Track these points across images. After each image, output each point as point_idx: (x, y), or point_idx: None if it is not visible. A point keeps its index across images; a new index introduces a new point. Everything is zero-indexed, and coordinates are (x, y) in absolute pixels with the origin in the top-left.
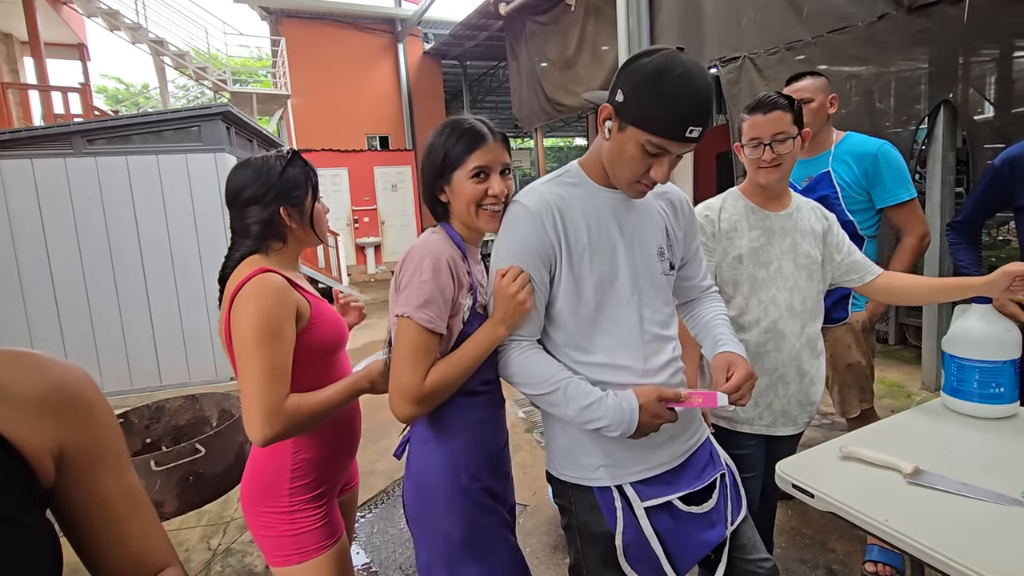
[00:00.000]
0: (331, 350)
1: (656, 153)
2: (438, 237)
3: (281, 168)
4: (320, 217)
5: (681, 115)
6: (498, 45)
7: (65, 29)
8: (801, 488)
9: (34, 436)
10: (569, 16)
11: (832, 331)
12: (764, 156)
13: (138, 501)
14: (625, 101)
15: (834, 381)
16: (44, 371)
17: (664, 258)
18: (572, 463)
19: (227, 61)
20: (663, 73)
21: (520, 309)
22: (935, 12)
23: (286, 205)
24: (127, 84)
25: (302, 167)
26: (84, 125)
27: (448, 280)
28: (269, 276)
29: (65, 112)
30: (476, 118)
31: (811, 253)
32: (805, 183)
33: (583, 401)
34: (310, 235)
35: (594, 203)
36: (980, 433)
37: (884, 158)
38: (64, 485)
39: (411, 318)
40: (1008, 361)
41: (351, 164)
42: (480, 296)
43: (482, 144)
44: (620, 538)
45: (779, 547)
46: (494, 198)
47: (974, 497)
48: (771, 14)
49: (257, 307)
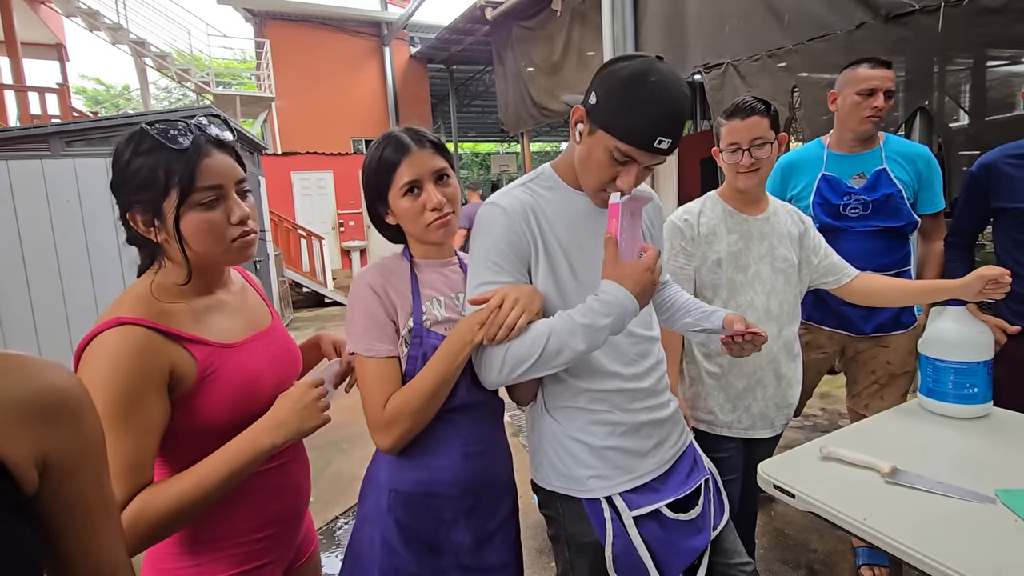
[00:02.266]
0: (239, 416)
1: (623, 161)
2: (375, 263)
3: (130, 152)
4: (203, 233)
5: (651, 124)
6: (484, 49)
7: (43, 29)
8: (782, 488)
9: (17, 444)
10: (555, 21)
11: (896, 337)
12: (743, 161)
13: (111, 513)
14: (597, 104)
15: (884, 387)
16: (30, 375)
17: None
18: (560, 474)
19: (210, 63)
20: (638, 79)
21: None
22: (911, 21)
23: (133, 207)
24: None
25: (162, 153)
26: (62, 126)
27: (375, 305)
28: (126, 332)
29: (42, 113)
30: (403, 128)
31: (788, 257)
32: (856, 180)
33: (581, 320)
34: (181, 258)
35: (569, 206)
36: (955, 433)
37: (935, 164)
38: (44, 491)
39: (355, 353)
40: (981, 362)
41: (336, 167)
42: (435, 312)
43: (406, 156)
44: (610, 549)
45: (761, 548)
46: (434, 211)
47: (950, 495)
48: (753, 22)
49: (103, 378)
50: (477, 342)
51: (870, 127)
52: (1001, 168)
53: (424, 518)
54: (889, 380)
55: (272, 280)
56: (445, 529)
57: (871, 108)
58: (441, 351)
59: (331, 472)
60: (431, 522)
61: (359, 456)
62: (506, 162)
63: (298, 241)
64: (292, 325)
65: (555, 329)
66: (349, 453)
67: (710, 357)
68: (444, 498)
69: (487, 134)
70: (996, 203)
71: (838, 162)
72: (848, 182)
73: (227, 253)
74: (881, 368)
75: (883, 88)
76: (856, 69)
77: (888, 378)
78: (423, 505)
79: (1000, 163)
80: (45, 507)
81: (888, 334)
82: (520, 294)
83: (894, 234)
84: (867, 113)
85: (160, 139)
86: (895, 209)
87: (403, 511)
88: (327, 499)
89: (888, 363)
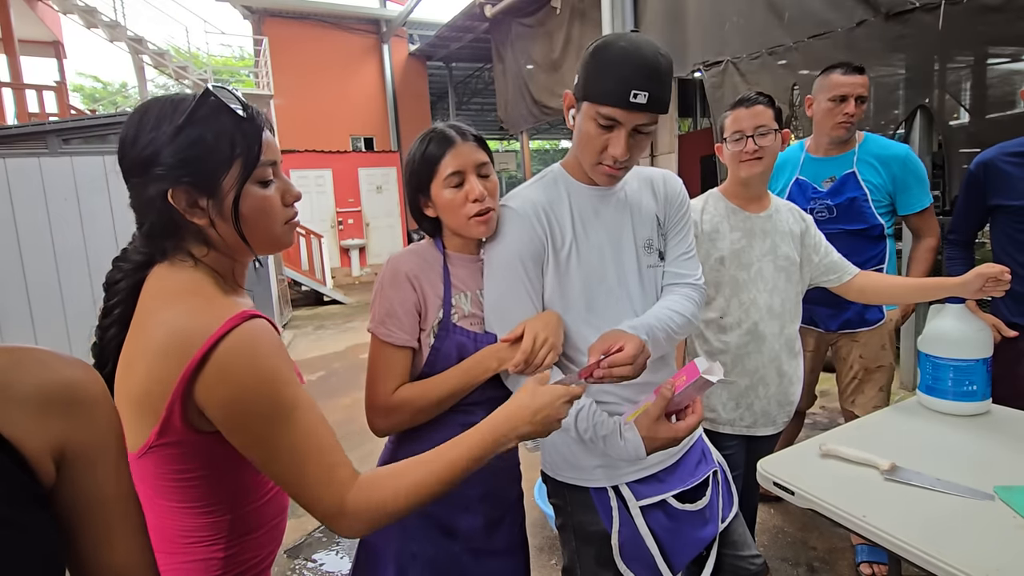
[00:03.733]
0: None
1: (608, 125)
2: (411, 249)
3: (183, 118)
4: (263, 212)
5: (623, 81)
6: (484, 47)
7: (40, 26)
8: (782, 485)
9: (35, 436)
10: (555, 19)
11: (865, 333)
12: (746, 148)
13: (131, 510)
14: (577, 82)
15: (862, 382)
16: (48, 368)
17: (652, 249)
18: (569, 464)
19: (208, 60)
20: (607, 46)
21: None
22: (911, 19)
23: (180, 184)
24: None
25: (226, 118)
26: (59, 124)
27: (407, 293)
28: (263, 325)
29: (40, 111)
30: (447, 124)
31: (790, 255)
32: (827, 183)
33: (598, 432)
34: (238, 242)
35: (578, 201)
36: (954, 430)
37: (912, 164)
38: (61, 484)
39: (373, 332)
40: (980, 359)
41: (335, 165)
42: (463, 306)
43: (450, 148)
44: (616, 537)
45: (761, 545)
46: (477, 202)
47: (948, 492)
48: (753, 19)
49: (272, 368)
50: (501, 371)
51: (843, 132)
52: (999, 166)
53: (439, 504)
54: (865, 375)
55: (271, 278)
56: (459, 514)
57: (843, 114)
58: (463, 369)
59: None
60: (446, 507)
61: (357, 455)
62: (506, 160)
63: (297, 239)
64: (291, 324)
65: (577, 424)
66: (348, 452)
67: (713, 355)
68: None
69: (487, 132)
70: (993, 200)
71: (812, 165)
72: (820, 185)
73: (281, 235)
74: (857, 363)
75: (854, 94)
76: (829, 75)
77: (864, 373)
78: None
79: (998, 161)
80: (63, 500)
81: (857, 330)
82: (548, 332)
83: (861, 236)
84: (839, 119)
85: (226, 104)
86: (859, 212)
87: None
88: None
89: (862, 357)
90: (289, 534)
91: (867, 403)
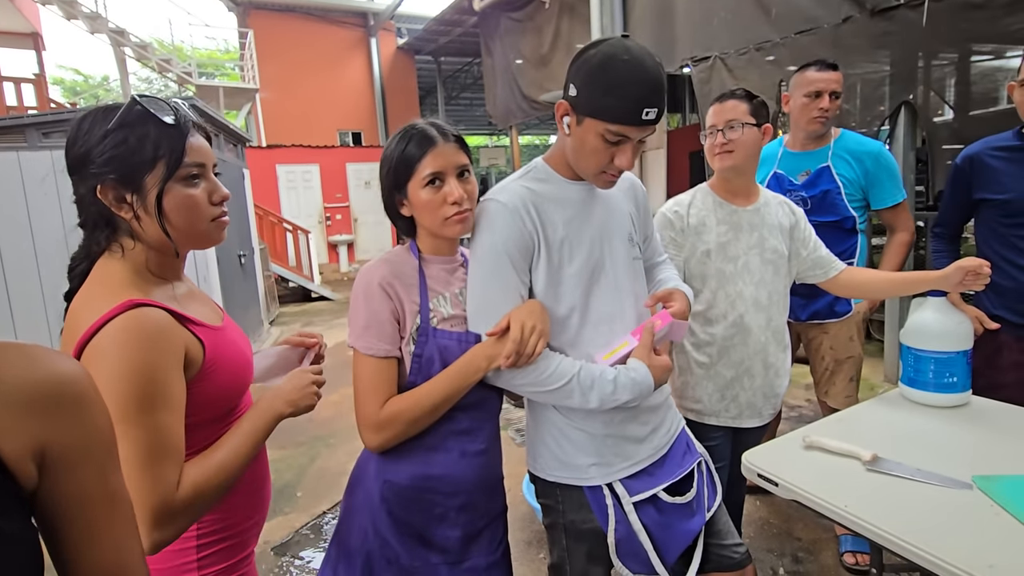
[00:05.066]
0: (235, 400)
1: (616, 141)
2: (382, 258)
3: (112, 123)
4: (185, 210)
5: (634, 100)
6: (473, 41)
7: (18, 17)
8: (766, 477)
9: (14, 438)
10: (544, 13)
11: (834, 325)
12: (716, 140)
13: (118, 510)
14: (578, 95)
15: (833, 373)
16: (35, 365)
17: (633, 243)
18: (561, 463)
19: (192, 53)
20: (610, 61)
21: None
22: (896, 16)
23: (107, 181)
24: (86, 76)
25: (152, 125)
26: (39, 117)
27: (383, 303)
28: (142, 314)
29: (18, 104)
30: (428, 121)
31: (778, 248)
32: (803, 176)
33: (605, 388)
34: (161, 236)
35: (565, 197)
36: (935, 421)
37: (884, 160)
38: (43, 485)
39: (354, 347)
40: (961, 352)
41: (323, 160)
42: (442, 309)
43: (431, 148)
44: (612, 535)
45: (747, 536)
46: (455, 204)
47: (928, 482)
48: (741, 15)
49: (127, 363)
50: (492, 369)
51: (818, 127)
52: (984, 160)
53: (415, 511)
54: (835, 366)
55: (257, 274)
56: (436, 524)
57: (817, 109)
58: (452, 372)
59: (317, 468)
60: (422, 515)
61: (344, 452)
62: (495, 155)
63: (284, 235)
64: (278, 320)
65: (580, 379)
66: (335, 448)
67: (699, 347)
68: (436, 493)
69: (475, 127)
70: (978, 194)
71: (789, 160)
72: (795, 179)
73: (206, 232)
74: (827, 354)
75: (828, 90)
76: (805, 72)
77: (834, 364)
78: (415, 499)
79: (984, 155)
80: (45, 502)
81: (825, 321)
82: (534, 319)
83: (834, 228)
84: (814, 114)
85: (151, 111)
86: (832, 205)
87: (396, 502)
88: (314, 494)
89: (832, 348)
90: (276, 531)
91: (839, 394)
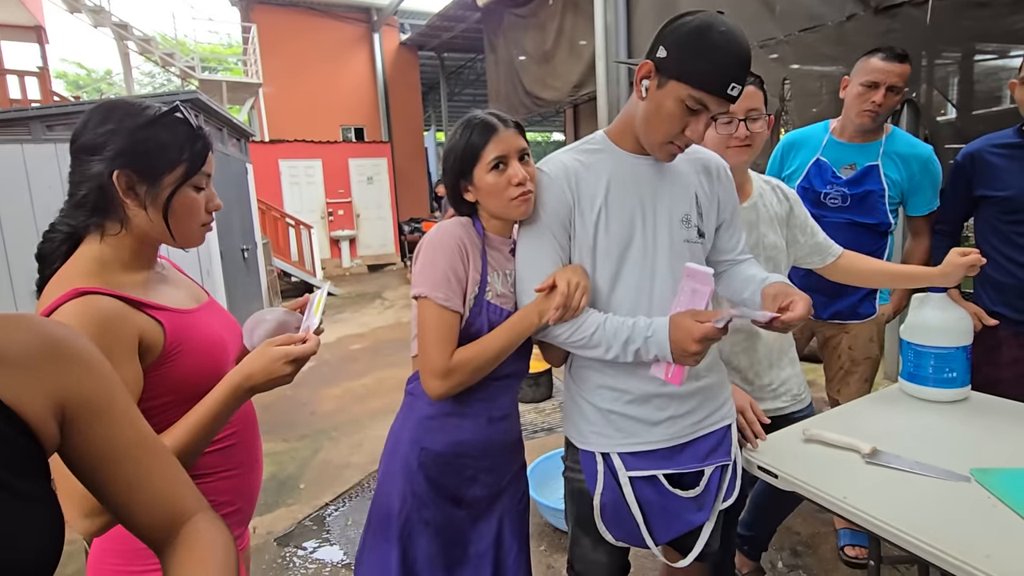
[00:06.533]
0: (207, 384)
1: (695, 110)
2: (457, 222)
3: (147, 120)
4: (188, 211)
5: (724, 69)
6: (476, 37)
7: (21, 10)
8: (766, 469)
9: (33, 397)
10: (547, 9)
11: (856, 326)
12: (737, 132)
13: (156, 447)
14: (668, 56)
15: (848, 373)
16: (35, 327)
17: (690, 225)
18: (573, 424)
19: (195, 47)
20: (708, 29)
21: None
22: (900, 13)
23: (126, 169)
24: (89, 69)
25: (183, 131)
26: (44, 110)
27: (459, 262)
28: (89, 302)
29: (22, 97)
30: (487, 112)
31: (777, 243)
32: (847, 171)
33: (624, 335)
34: (156, 229)
35: (615, 168)
36: (934, 415)
37: (932, 167)
38: (73, 439)
39: (428, 298)
40: (960, 347)
41: (325, 156)
42: (496, 285)
43: (494, 135)
44: (598, 499)
45: None
46: (519, 185)
47: (927, 475)
48: (745, 12)
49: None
50: (543, 323)
51: (867, 121)
52: (985, 157)
53: (450, 473)
54: (852, 366)
55: (260, 269)
56: (467, 485)
57: (870, 102)
58: (508, 326)
59: (320, 460)
60: (455, 478)
61: (347, 444)
62: None
63: (286, 230)
64: None
65: (605, 328)
66: (337, 441)
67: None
68: (467, 457)
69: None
70: (978, 191)
71: (835, 149)
72: (838, 170)
73: (194, 234)
74: (845, 354)
75: (887, 83)
76: (870, 58)
77: (851, 364)
78: (449, 463)
79: (985, 152)
80: (79, 452)
81: (847, 322)
82: (578, 276)
83: (868, 230)
84: (866, 107)
85: (189, 121)
86: (872, 207)
87: (433, 467)
88: (317, 486)
89: (850, 348)
90: (279, 522)
91: (852, 394)
